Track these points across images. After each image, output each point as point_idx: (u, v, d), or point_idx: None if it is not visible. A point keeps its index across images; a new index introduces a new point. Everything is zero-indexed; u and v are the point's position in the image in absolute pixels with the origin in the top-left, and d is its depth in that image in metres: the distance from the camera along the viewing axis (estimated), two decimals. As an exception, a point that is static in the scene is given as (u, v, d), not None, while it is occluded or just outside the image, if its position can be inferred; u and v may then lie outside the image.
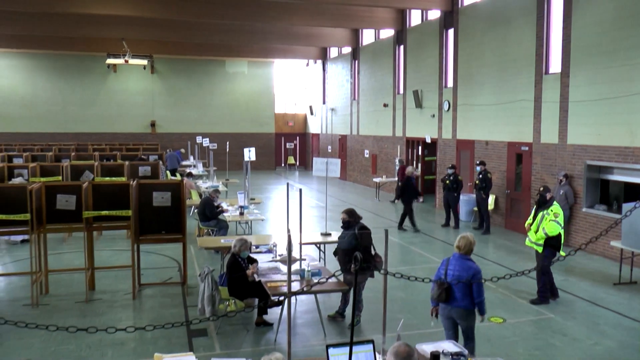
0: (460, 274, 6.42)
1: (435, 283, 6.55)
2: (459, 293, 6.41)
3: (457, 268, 6.49)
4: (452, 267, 6.54)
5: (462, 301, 6.41)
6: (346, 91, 29.34)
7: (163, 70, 34.58)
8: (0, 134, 32.11)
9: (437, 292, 6.49)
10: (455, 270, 6.49)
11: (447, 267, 6.57)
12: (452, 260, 6.60)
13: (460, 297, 6.41)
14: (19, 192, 9.30)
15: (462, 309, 6.44)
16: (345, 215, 8.51)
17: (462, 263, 6.52)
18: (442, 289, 6.45)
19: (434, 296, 6.59)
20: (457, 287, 6.38)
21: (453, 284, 6.37)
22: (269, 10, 21.95)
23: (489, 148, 16.91)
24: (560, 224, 9.21)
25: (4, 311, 9.08)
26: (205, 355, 7.05)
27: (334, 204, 19.69)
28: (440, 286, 6.47)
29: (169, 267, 11.81)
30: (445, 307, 6.56)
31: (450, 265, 6.56)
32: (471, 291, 6.37)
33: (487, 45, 16.94)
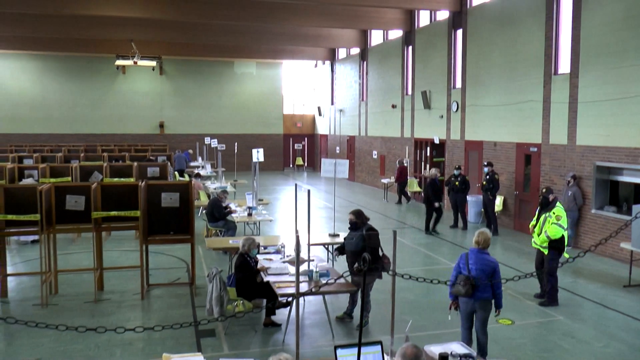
0: (482, 267, 6.74)
1: (458, 279, 6.79)
2: (482, 286, 6.70)
3: (478, 263, 6.78)
4: (473, 262, 6.80)
5: (484, 293, 6.73)
6: (354, 92, 29.33)
7: (172, 72, 34.70)
8: (11, 135, 32.31)
9: (465, 287, 6.70)
10: (477, 264, 6.77)
11: (467, 262, 6.83)
12: (472, 255, 6.85)
13: (482, 289, 6.71)
14: (29, 193, 9.37)
15: (485, 300, 6.76)
16: (352, 217, 8.52)
17: (481, 257, 6.81)
18: (469, 284, 6.68)
19: (460, 292, 6.76)
20: (480, 280, 6.69)
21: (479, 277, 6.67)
22: (278, 11, 21.98)
23: (498, 149, 16.86)
24: (562, 226, 9.18)
25: (15, 311, 9.14)
26: (214, 356, 7.06)
27: (342, 205, 19.68)
28: (467, 281, 6.70)
29: (177, 268, 11.84)
30: (468, 300, 6.79)
31: (471, 261, 6.82)
32: (491, 283, 6.70)
33: (495, 46, 16.90)
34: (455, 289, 6.82)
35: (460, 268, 6.90)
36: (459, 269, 6.90)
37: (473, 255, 6.86)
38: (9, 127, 32.67)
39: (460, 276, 6.80)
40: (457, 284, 6.79)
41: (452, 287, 6.91)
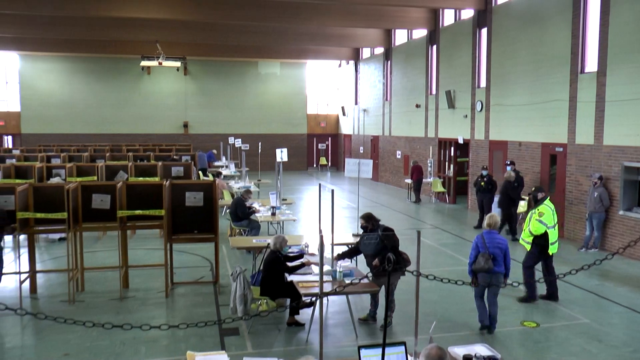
0: (497, 246, 7.98)
1: (480, 256, 7.94)
2: (498, 262, 7.95)
3: (493, 242, 8.00)
4: (489, 242, 7.99)
5: (499, 268, 7.98)
6: (378, 92, 29.24)
7: (196, 72, 34.96)
8: (40, 135, 32.87)
9: (487, 264, 7.87)
10: (492, 243, 7.98)
11: (484, 242, 7.98)
12: (486, 237, 8.05)
13: (498, 264, 7.96)
14: (57, 192, 9.52)
15: (500, 273, 8.01)
16: (362, 221, 8.54)
17: (494, 238, 8.06)
18: (490, 260, 7.88)
19: (484, 267, 7.89)
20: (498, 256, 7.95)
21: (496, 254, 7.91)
22: (302, 11, 22.01)
23: (522, 149, 16.68)
24: (544, 223, 9.27)
25: (43, 307, 9.30)
26: (237, 354, 7.09)
27: (366, 205, 19.64)
28: (488, 258, 7.87)
29: (201, 267, 11.92)
30: (486, 275, 7.96)
31: (488, 241, 7.99)
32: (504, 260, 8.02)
33: (521, 45, 16.71)
34: (478, 265, 7.94)
35: (479, 248, 8.01)
36: (478, 249, 8.02)
37: (487, 237, 8.05)
38: (38, 127, 33.26)
39: (481, 254, 7.93)
40: (479, 261, 7.92)
41: (471, 266, 8.07)
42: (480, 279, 8.00)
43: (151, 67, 33.20)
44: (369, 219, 8.49)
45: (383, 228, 8.36)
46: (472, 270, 8.06)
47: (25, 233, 9.80)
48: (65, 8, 20.42)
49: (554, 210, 9.53)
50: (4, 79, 33.45)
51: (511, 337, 8.10)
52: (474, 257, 8.04)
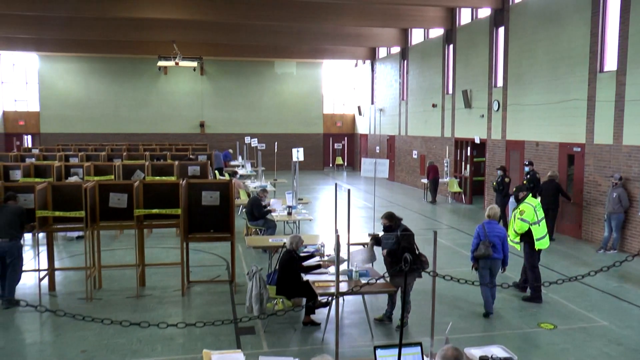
0: (497, 234, 8.80)
1: (481, 244, 8.73)
2: (497, 249, 8.75)
3: (493, 231, 8.81)
4: (490, 232, 8.79)
5: (498, 254, 8.79)
6: (395, 91, 29.16)
7: (213, 72, 35.11)
8: (58, 134, 33.22)
9: (487, 251, 8.66)
10: (492, 233, 8.78)
11: (485, 232, 8.76)
12: (487, 226, 8.85)
13: (497, 251, 8.76)
14: (75, 190, 9.61)
15: (498, 259, 8.84)
16: (386, 221, 8.53)
17: (494, 227, 8.87)
18: (490, 247, 8.67)
19: (484, 254, 8.68)
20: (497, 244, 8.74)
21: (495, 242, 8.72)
22: (318, 11, 22.00)
23: (540, 149, 16.54)
24: (526, 220, 9.43)
25: (62, 304, 9.40)
26: (253, 353, 7.11)
27: (382, 205, 19.59)
28: (488, 245, 8.67)
29: (217, 265, 11.96)
30: (487, 261, 8.78)
31: (489, 231, 8.79)
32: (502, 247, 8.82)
33: (538, 43, 16.57)
34: (479, 252, 8.74)
35: (480, 237, 8.81)
36: (480, 238, 8.81)
37: (488, 226, 8.85)
38: (57, 127, 33.62)
39: (482, 242, 8.73)
40: (480, 248, 8.72)
41: (473, 252, 8.87)
42: (481, 264, 8.84)
43: (168, 67, 33.39)
44: (392, 218, 8.50)
45: (403, 228, 8.37)
46: (474, 256, 8.89)
47: (44, 231, 9.91)
48: (83, 9, 20.61)
49: (538, 206, 9.60)
50: (24, 79, 33.85)
51: (528, 338, 8.04)
52: (476, 245, 8.87)
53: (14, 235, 9.16)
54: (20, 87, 33.87)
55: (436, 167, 21.78)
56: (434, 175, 21.51)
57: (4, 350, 7.57)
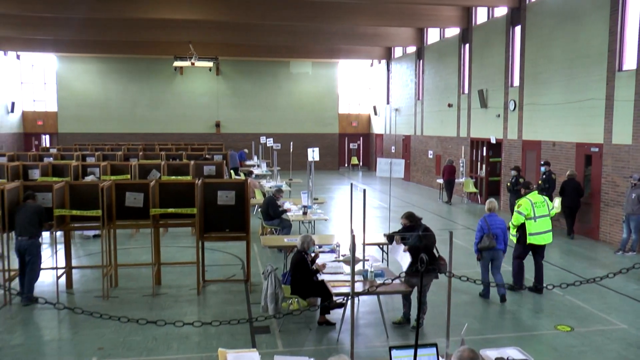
0: (499, 226, 9.35)
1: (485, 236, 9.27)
2: (499, 240, 9.31)
3: (495, 224, 9.34)
4: (492, 224, 9.32)
5: (500, 245, 9.36)
6: (410, 91, 29.07)
7: (228, 72, 35.23)
8: (76, 134, 33.53)
9: (491, 242, 9.23)
10: (494, 225, 9.33)
11: (488, 224, 9.30)
12: (489, 219, 9.38)
13: (499, 242, 9.33)
14: (92, 190, 9.69)
15: (501, 250, 9.41)
16: (406, 221, 8.51)
17: (495, 220, 9.42)
18: (493, 239, 9.24)
19: (491, 245, 9.25)
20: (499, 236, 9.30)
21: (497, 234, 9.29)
22: (334, 10, 22.00)
23: (556, 149, 16.39)
24: (522, 213, 9.85)
25: (79, 302, 9.49)
26: (268, 352, 7.12)
27: (398, 205, 19.54)
28: (491, 238, 9.23)
29: (233, 265, 12.00)
30: (490, 252, 9.36)
31: (490, 223, 9.32)
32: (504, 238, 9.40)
33: (555, 42, 16.42)
34: (483, 244, 9.29)
35: (483, 230, 9.33)
36: (483, 231, 9.33)
37: (489, 219, 9.39)
38: (74, 127, 33.93)
39: (486, 235, 9.27)
40: (484, 240, 9.26)
41: (477, 245, 9.39)
42: (485, 255, 9.45)
43: (184, 68, 33.58)
44: (412, 218, 8.49)
45: (424, 228, 8.34)
46: (478, 249, 9.42)
47: (62, 230, 10.00)
48: (100, 10, 20.78)
49: (539, 203, 9.94)
50: (42, 80, 34.22)
51: (544, 340, 7.97)
52: (480, 237, 9.38)
53: (33, 233, 9.27)
54: (39, 87, 34.25)
55: (454, 167, 21.57)
56: (449, 175, 21.32)
57: (24, 347, 7.66)
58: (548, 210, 10.00)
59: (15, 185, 9.67)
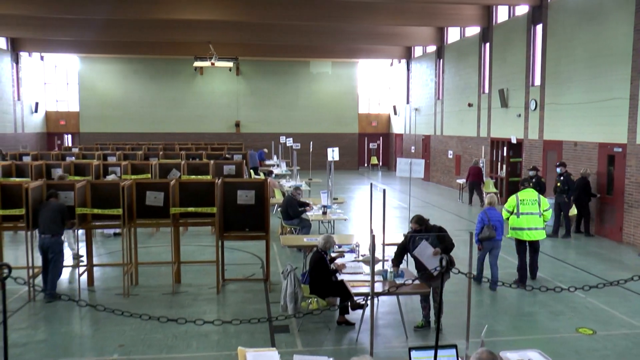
0: (497, 219, 10.06)
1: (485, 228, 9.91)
2: (498, 231, 9.99)
3: (494, 217, 10.04)
4: (492, 217, 10.02)
5: (499, 236, 10.04)
6: (430, 91, 28.94)
7: (248, 72, 35.35)
8: (97, 134, 33.89)
9: (491, 233, 9.89)
10: (493, 217, 10.02)
11: (488, 217, 9.99)
12: (489, 212, 10.07)
13: (498, 233, 9.99)
14: (113, 189, 9.78)
15: (499, 241, 10.11)
16: (416, 225, 8.26)
17: (494, 213, 10.10)
18: (493, 230, 9.89)
19: (491, 235, 9.90)
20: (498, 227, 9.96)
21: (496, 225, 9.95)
22: (353, 10, 21.97)
23: (578, 149, 16.19)
24: (507, 209, 10.56)
25: (100, 299, 9.59)
26: (287, 352, 7.12)
27: (417, 205, 19.46)
28: (491, 229, 9.89)
29: (252, 264, 12.03)
30: (489, 242, 10.02)
31: (490, 216, 10.02)
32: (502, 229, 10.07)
33: (578, 41, 16.23)
34: (484, 234, 9.92)
35: (484, 221, 9.98)
36: (483, 223, 9.98)
37: (489, 212, 10.06)
38: (96, 127, 34.31)
39: (486, 226, 9.91)
40: (484, 231, 9.90)
41: (478, 235, 9.97)
42: (485, 245, 10.09)
43: (204, 68, 33.74)
44: (422, 222, 8.28)
45: (437, 228, 8.21)
46: (479, 239, 10.01)
47: (83, 228, 10.12)
48: (121, 11, 21.00)
49: (528, 200, 10.43)
50: (65, 80, 34.66)
51: (566, 343, 7.86)
52: (480, 229, 10.01)
53: (56, 231, 9.39)
54: (62, 88, 34.68)
55: (479, 168, 20.83)
56: (474, 177, 20.53)
57: (47, 343, 7.78)
58: (539, 208, 10.34)
59: (39, 184, 9.80)
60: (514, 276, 10.56)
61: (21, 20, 24.20)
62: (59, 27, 24.96)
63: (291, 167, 22.88)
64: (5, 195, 9.71)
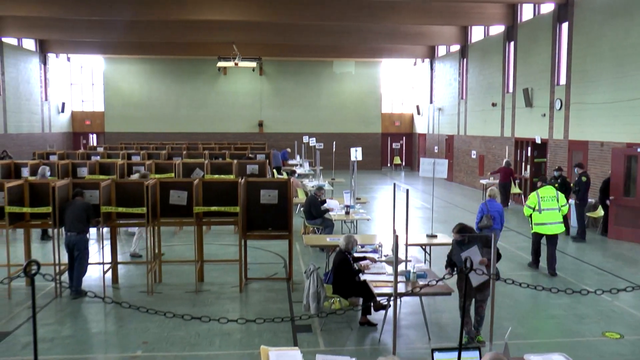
0: (496, 210, 10.60)
1: (484, 217, 10.46)
2: (496, 221, 10.51)
3: (493, 208, 10.62)
4: (491, 207, 10.61)
5: (497, 225, 10.54)
6: (454, 90, 28.74)
7: (271, 72, 35.46)
8: (122, 133, 34.28)
9: (489, 222, 10.41)
10: (493, 208, 10.60)
11: (487, 207, 10.59)
12: (489, 204, 10.68)
13: (496, 223, 10.51)
14: (137, 188, 9.87)
15: (497, 229, 10.59)
16: (457, 236, 7.67)
17: (494, 204, 10.69)
18: (491, 219, 10.43)
19: (488, 225, 10.40)
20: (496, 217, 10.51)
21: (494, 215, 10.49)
22: (377, 9, 21.92)
23: (605, 149, 15.95)
24: (529, 205, 11.36)
25: (124, 296, 9.69)
26: (310, 351, 7.12)
27: (440, 206, 19.33)
28: (489, 218, 10.43)
29: (275, 263, 12.06)
30: (489, 230, 10.33)
31: (490, 207, 10.61)
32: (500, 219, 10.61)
33: (605, 39, 15.98)
34: (483, 223, 10.46)
35: (484, 211, 10.60)
36: (483, 212, 10.59)
37: (489, 204, 10.68)
38: (120, 126, 34.71)
39: (485, 215, 10.49)
40: (483, 220, 10.45)
41: (478, 224, 10.53)
42: (485, 232, 10.32)
43: (227, 68, 33.93)
44: (465, 231, 7.62)
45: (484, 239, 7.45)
46: (479, 227, 10.51)
47: (108, 226, 10.23)
48: (145, 13, 21.24)
49: (547, 197, 11.21)
50: (90, 81, 35.13)
51: (591, 347, 7.72)
52: (480, 218, 10.62)
53: (82, 229, 9.52)
54: (87, 88, 35.17)
55: (510, 169, 20.08)
56: (505, 178, 19.77)
57: (73, 338, 7.88)
58: (558, 205, 11.19)
59: (65, 183, 9.94)
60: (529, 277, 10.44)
61: (49, 22, 24.64)
62: (85, 28, 25.35)
63: (314, 166, 22.89)
64: (33, 194, 9.89)
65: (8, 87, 26.02)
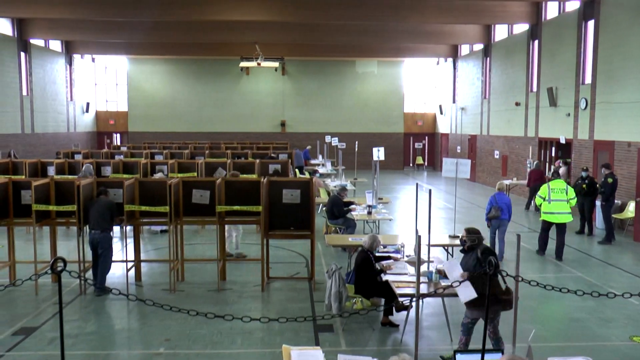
0: (504, 201, 11.93)
1: (493, 208, 11.83)
2: (504, 212, 11.83)
3: (502, 200, 11.93)
4: (499, 200, 11.90)
5: (504, 216, 11.88)
6: (477, 89, 28.51)
7: (294, 72, 35.52)
8: (145, 133, 34.61)
9: (497, 213, 11.76)
10: (501, 200, 11.90)
11: (496, 199, 11.89)
12: (497, 196, 11.98)
13: (504, 213, 11.84)
14: (160, 187, 9.95)
15: (505, 220, 11.95)
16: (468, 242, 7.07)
17: (502, 197, 12.04)
18: (499, 211, 11.76)
19: (496, 215, 11.79)
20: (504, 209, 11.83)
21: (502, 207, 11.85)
22: (399, 9, 21.82)
23: (632, 150, 15.68)
24: (540, 195, 12.53)
25: (147, 294, 9.77)
26: (331, 351, 7.12)
27: (463, 206, 19.20)
28: (497, 209, 11.76)
29: (297, 263, 12.08)
30: (496, 220, 11.88)
31: (498, 199, 11.90)
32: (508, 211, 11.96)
33: (633, 37, 15.71)
34: (491, 214, 11.84)
35: (492, 203, 11.89)
36: (492, 204, 11.90)
37: (497, 196, 11.96)
38: (143, 126, 35.06)
39: (493, 207, 11.81)
40: (492, 211, 11.83)
41: (487, 214, 12.00)
42: (493, 223, 12.01)
43: (250, 68, 34.06)
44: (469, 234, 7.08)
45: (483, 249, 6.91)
46: (488, 217, 11.99)
47: (132, 224, 10.33)
48: (169, 13, 21.42)
49: (557, 189, 12.27)
50: (114, 81, 35.55)
51: (618, 352, 7.58)
52: (489, 209, 11.92)
53: (105, 227, 9.63)
54: (111, 88, 35.60)
55: (541, 171, 19.28)
56: (536, 181, 18.53)
57: (97, 335, 8.00)
58: (566, 196, 12.22)
59: (89, 182, 10.07)
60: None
61: (75, 23, 25.00)
62: (109, 29, 25.68)
63: (336, 166, 22.88)
64: (59, 192, 10.03)
65: (35, 88, 26.43)
